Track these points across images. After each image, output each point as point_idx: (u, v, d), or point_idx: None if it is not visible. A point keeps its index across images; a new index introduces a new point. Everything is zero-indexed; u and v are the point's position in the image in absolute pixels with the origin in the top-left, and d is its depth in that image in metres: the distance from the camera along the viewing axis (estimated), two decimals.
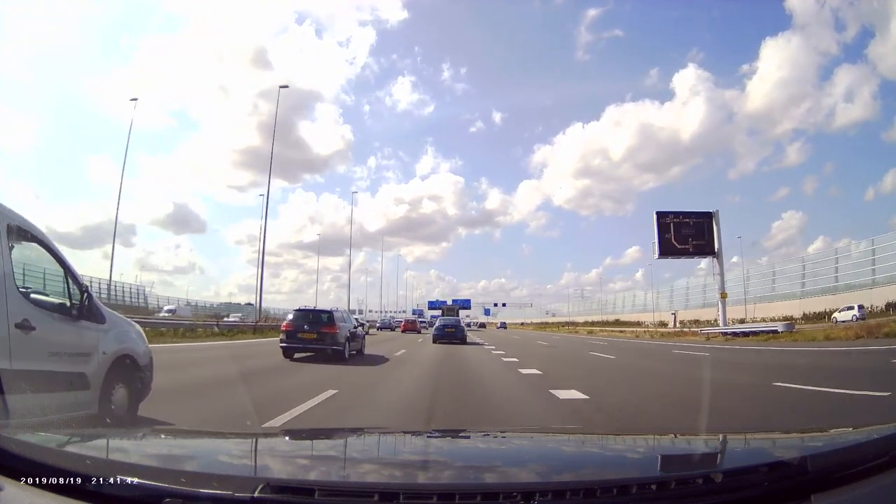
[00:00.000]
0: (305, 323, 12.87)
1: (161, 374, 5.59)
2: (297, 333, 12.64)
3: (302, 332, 12.68)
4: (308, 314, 13.30)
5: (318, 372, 10.44)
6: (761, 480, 1.40)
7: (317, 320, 12.97)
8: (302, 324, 12.85)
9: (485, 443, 2.53)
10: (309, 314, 13.30)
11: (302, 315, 13.28)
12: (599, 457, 2.19)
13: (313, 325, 12.75)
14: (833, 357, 14.80)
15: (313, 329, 12.66)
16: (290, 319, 13.35)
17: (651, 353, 19.97)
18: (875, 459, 1.50)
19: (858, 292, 34.90)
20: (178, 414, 5.44)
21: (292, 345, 12.67)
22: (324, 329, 12.66)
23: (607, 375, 11.41)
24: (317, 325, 12.78)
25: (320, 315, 13.23)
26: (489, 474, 1.77)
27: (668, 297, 65.22)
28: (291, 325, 12.94)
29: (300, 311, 13.67)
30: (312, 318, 13.05)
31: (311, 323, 12.84)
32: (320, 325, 12.79)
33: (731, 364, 14.01)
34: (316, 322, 12.88)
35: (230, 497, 1.26)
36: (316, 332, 12.60)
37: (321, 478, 1.66)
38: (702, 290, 57.41)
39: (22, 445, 1.53)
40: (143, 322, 16.77)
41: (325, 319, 12.97)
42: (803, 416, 6.18)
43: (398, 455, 2.21)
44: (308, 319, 12.99)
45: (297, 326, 12.80)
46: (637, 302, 73.58)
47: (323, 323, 12.86)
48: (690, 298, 60.85)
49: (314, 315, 13.23)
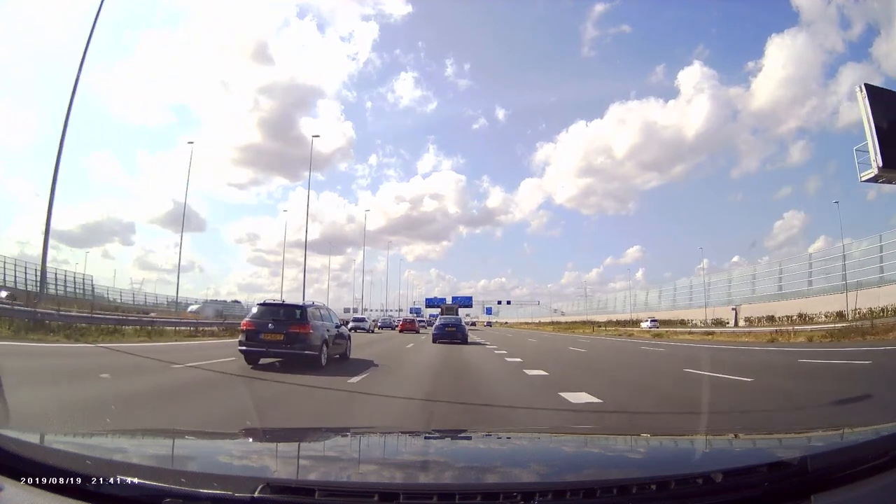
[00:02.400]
0: (270, 320, 10.14)
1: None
2: (260, 334, 9.97)
3: (265, 333, 9.97)
4: (274, 310, 10.64)
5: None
6: (761, 480, 1.40)
7: (285, 317, 10.31)
8: (266, 322, 10.13)
9: (485, 443, 2.53)
10: (275, 310, 10.64)
11: (266, 311, 10.57)
12: (599, 457, 2.19)
13: (280, 324, 10.09)
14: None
15: (280, 329, 10.00)
16: (252, 316, 10.56)
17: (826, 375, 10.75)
18: (875, 459, 1.50)
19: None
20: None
21: (253, 348, 9.96)
22: (294, 329, 10.02)
23: None
24: (285, 323, 10.13)
25: (289, 311, 10.62)
26: (489, 474, 1.77)
27: (688, 294, 61.80)
28: (253, 324, 10.18)
29: (265, 305, 10.98)
30: (279, 314, 10.42)
31: (278, 321, 10.16)
32: (289, 323, 10.15)
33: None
34: (284, 320, 10.24)
35: (230, 497, 1.26)
36: (283, 332, 9.95)
37: (321, 478, 1.66)
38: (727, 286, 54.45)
39: (22, 445, 1.53)
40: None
41: (295, 317, 10.36)
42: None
43: (398, 455, 2.21)
44: (274, 316, 10.29)
45: (260, 325, 10.08)
46: (638, 301, 71.59)
47: (292, 321, 10.22)
48: (694, 298, 59.20)
49: (282, 311, 10.61)
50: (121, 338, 17.28)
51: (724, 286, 54.05)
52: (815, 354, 14.64)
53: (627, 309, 69.30)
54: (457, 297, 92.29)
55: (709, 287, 54.45)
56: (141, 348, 14.44)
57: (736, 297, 49.70)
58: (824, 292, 37.69)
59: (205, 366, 10.22)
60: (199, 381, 8.56)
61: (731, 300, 49.78)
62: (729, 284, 53.45)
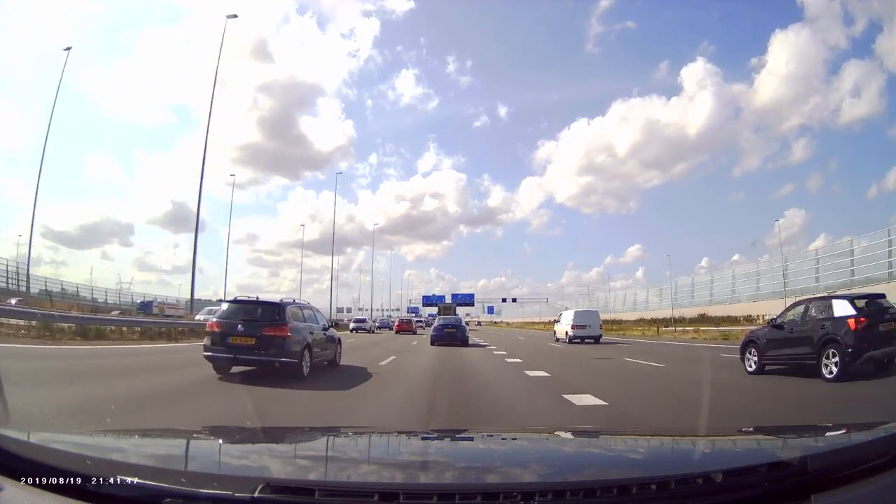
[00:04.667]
0: (240, 321, 8.62)
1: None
2: (228, 337, 8.45)
3: (234, 336, 8.44)
4: (246, 308, 9.07)
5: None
6: (761, 480, 1.40)
7: (258, 318, 8.79)
8: (235, 322, 8.62)
9: (485, 443, 2.53)
10: (247, 308, 9.07)
11: (237, 309, 9.06)
12: (599, 457, 2.19)
13: (252, 326, 8.56)
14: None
15: (251, 331, 8.48)
16: (220, 315, 9.10)
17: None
18: (875, 459, 1.50)
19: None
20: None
21: (219, 354, 8.44)
22: (268, 331, 8.47)
23: None
24: (257, 324, 8.61)
25: (264, 310, 9.01)
26: (489, 474, 1.77)
27: (690, 292, 57.79)
28: (220, 325, 8.66)
29: (235, 302, 9.43)
30: (251, 314, 8.88)
31: (249, 322, 8.63)
32: (263, 324, 8.60)
33: None
34: (256, 320, 8.70)
35: (230, 497, 1.26)
36: (256, 335, 8.42)
37: (321, 478, 1.67)
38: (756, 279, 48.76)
39: (22, 445, 1.53)
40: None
41: (270, 317, 8.78)
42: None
43: (398, 455, 2.21)
44: (245, 316, 8.76)
45: (228, 326, 8.60)
46: (637, 299, 68.88)
47: (267, 322, 8.65)
48: (696, 295, 56.75)
49: (254, 310, 9.03)
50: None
51: (752, 280, 47.37)
52: None
53: (628, 308, 67.16)
54: (457, 294, 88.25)
55: (758, 277, 46.37)
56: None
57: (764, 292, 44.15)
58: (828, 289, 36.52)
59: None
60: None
61: (757, 294, 44.34)
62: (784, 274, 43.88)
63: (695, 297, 55.34)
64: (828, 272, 38.31)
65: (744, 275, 49.01)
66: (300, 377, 8.56)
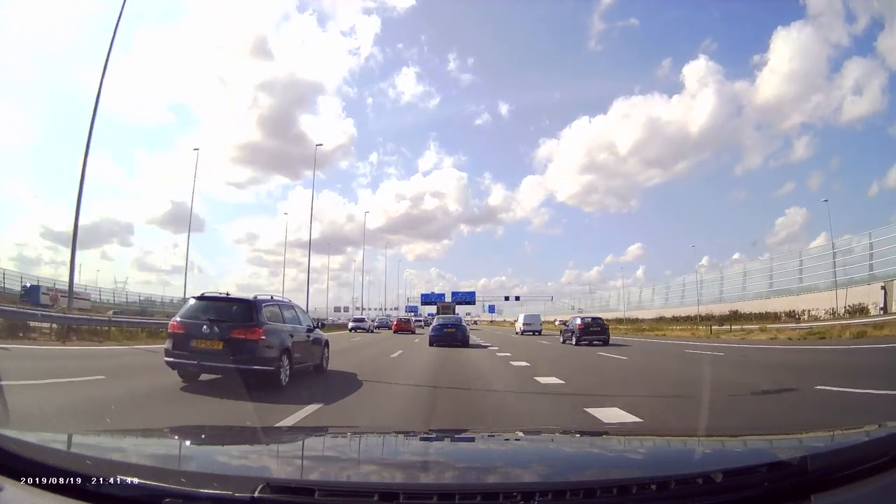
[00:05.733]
0: (206, 321, 7.28)
1: None
2: (192, 339, 7.18)
3: (199, 338, 7.16)
4: (213, 306, 7.65)
5: None
6: (761, 480, 1.40)
7: (227, 317, 7.43)
8: (200, 323, 7.29)
9: (485, 443, 2.53)
10: (215, 306, 7.66)
11: (203, 307, 7.64)
12: (599, 457, 2.19)
13: (220, 327, 7.21)
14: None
15: (219, 333, 7.16)
16: (183, 314, 7.74)
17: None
18: (875, 459, 1.50)
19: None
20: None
21: (181, 360, 7.25)
22: (238, 333, 7.17)
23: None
24: (226, 325, 7.25)
25: (234, 308, 7.68)
26: (489, 474, 1.77)
27: (694, 289, 52.54)
28: (182, 325, 7.39)
29: (202, 299, 7.91)
30: (219, 313, 7.49)
31: (217, 322, 7.27)
32: (232, 325, 7.27)
33: None
34: (225, 321, 7.34)
35: (230, 497, 1.26)
36: (223, 338, 7.11)
37: (321, 478, 1.67)
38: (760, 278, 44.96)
39: (22, 445, 1.53)
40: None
41: (240, 317, 7.49)
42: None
43: (398, 455, 2.21)
44: (212, 315, 7.39)
45: (192, 327, 7.28)
46: (654, 297, 63.55)
47: (237, 323, 7.35)
48: (686, 296, 54.61)
49: (223, 308, 7.65)
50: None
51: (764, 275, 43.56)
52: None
53: (623, 307, 65.30)
54: (457, 292, 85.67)
55: (800, 269, 40.20)
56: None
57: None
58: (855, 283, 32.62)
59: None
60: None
61: (803, 287, 38.19)
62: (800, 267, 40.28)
63: (724, 293, 49.07)
64: (883, 258, 32.82)
65: (780, 267, 43.01)
66: (278, 386, 7.31)
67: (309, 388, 7.82)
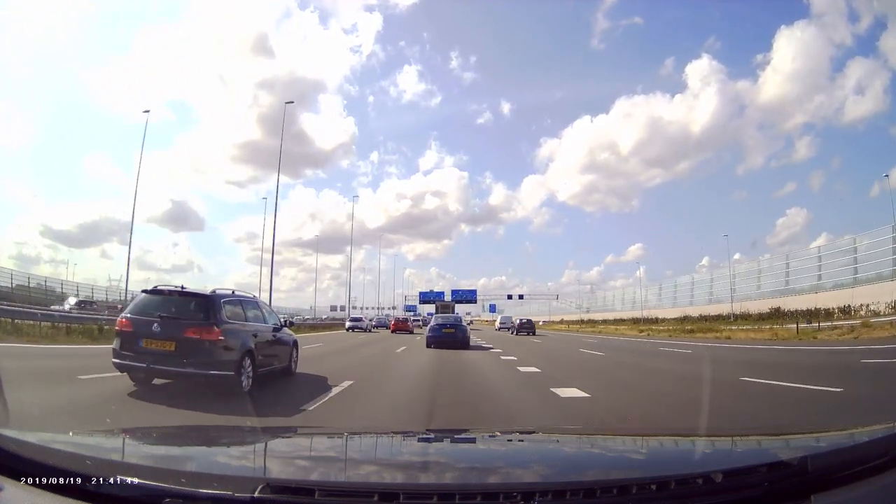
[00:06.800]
0: (157, 318, 6.45)
1: None
2: (141, 340, 6.38)
3: (149, 339, 6.35)
4: (165, 301, 6.83)
5: None
6: (761, 480, 1.40)
7: (179, 315, 6.65)
8: (150, 320, 6.46)
9: (485, 443, 2.53)
10: (167, 301, 6.84)
11: (154, 303, 6.81)
12: (599, 457, 2.19)
13: (171, 326, 6.43)
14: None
15: (171, 332, 6.37)
16: (132, 310, 6.91)
17: None
18: (875, 459, 1.50)
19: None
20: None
21: (129, 361, 6.41)
22: (191, 333, 6.38)
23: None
24: (178, 324, 6.48)
25: (188, 304, 6.91)
26: (489, 474, 1.77)
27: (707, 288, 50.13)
28: (131, 324, 6.57)
29: (153, 293, 7.08)
30: (172, 310, 6.69)
31: (168, 319, 6.48)
32: (185, 324, 6.49)
33: None
34: (177, 319, 6.57)
35: (230, 497, 1.26)
36: (176, 338, 6.33)
37: (321, 478, 1.67)
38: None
39: (22, 445, 1.53)
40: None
41: (196, 314, 6.70)
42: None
43: (398, 455, 2.21)
44: (163, 312, 6.58)
45: (141, 325, 6.48)
46: (677, 294, 58.14)
47: (191, 321, 6.56)
48: (695, 295, 52.01)
49: (177, 304, 6.85)
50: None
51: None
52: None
53: (628, 307, 63.38)
54: (458, 290, 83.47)
55: (855, 259, 34.33)
56: None
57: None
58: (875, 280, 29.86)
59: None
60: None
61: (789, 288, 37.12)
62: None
63: (761, 287, 43.68)
64: (865, 263, 31.39)
65: (829, 257, 36.69)
66: (238, 393, 6.48)
67: (273, 394, 7.09)
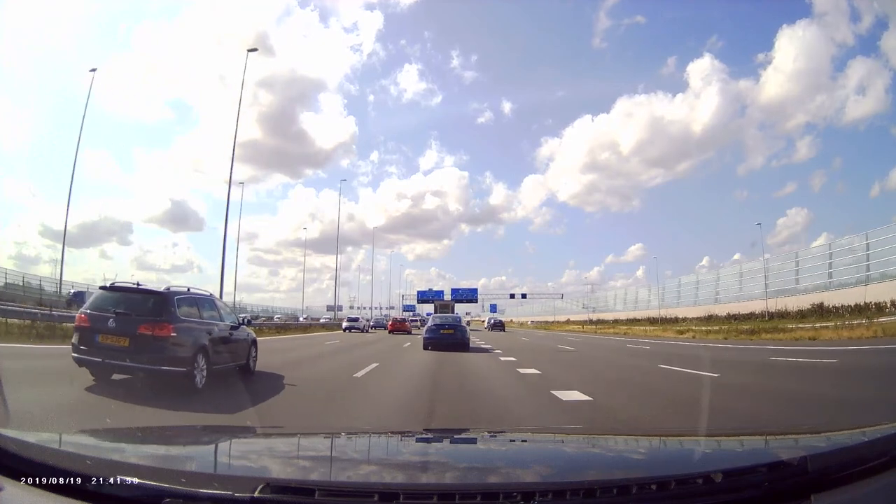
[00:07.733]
0: (113, 314, 6.71)
1: None
2: (97, 335, 6.62)
3: (105, 334, 6.59)
4: (121, 298, 7.07)
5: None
6: (761, 480, 1.40)
7: (133, 311, 6.85)
8: (106, 316, 6.71)
9: (485, 443, 2.53)
10: (122, 298, 7.08)
11: (110, 299, 7.06)
12: (599, 457, 2.19)
13: (126, 322, 6.65)
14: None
15: (125, 328, 6.60)
16: (90, 306, 7.16)
17: None
18: (875, 459, 1.50)
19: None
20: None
21: (86, 356, 6.66)
22: (146, 329, 6.62)
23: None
24: (132, 320, 6.68)
25: (142, 301, 7.07)
26: (489, 474, 1.77)
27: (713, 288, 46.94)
28: (89, 320, 6.82)
29: (109, 290, 7.35)
30: (126, 306, 6.91)
31: (123, 316, 6.71)
32: (139, 320, 6.70)
33: None
34: (131, 315, 6.76)
35: (230, 497, 1.26)
36: (130, 334, 6.56)
37: (321, 478, 1.67)
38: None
39: (22, 445, 1.53)
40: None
41: (149, 311, 6.87)
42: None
43: (398, 456, 2.21)
44: (119, 308, 6.83)
45: (98, 321, 6.73)
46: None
47: (145, 317, 6.75)
48: (699, 295, 49.52)
49: (131, 301, 7.05)
50: None
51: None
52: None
53: (629, 307, 61.52)
54: (458, 289, 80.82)
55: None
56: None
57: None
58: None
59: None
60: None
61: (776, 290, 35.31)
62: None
63: (800, 281, 38.28)
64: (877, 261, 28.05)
65: (875, 245, 30.83)
66: (192, 390, 6.66)
67: (229, 392, 7.01)
